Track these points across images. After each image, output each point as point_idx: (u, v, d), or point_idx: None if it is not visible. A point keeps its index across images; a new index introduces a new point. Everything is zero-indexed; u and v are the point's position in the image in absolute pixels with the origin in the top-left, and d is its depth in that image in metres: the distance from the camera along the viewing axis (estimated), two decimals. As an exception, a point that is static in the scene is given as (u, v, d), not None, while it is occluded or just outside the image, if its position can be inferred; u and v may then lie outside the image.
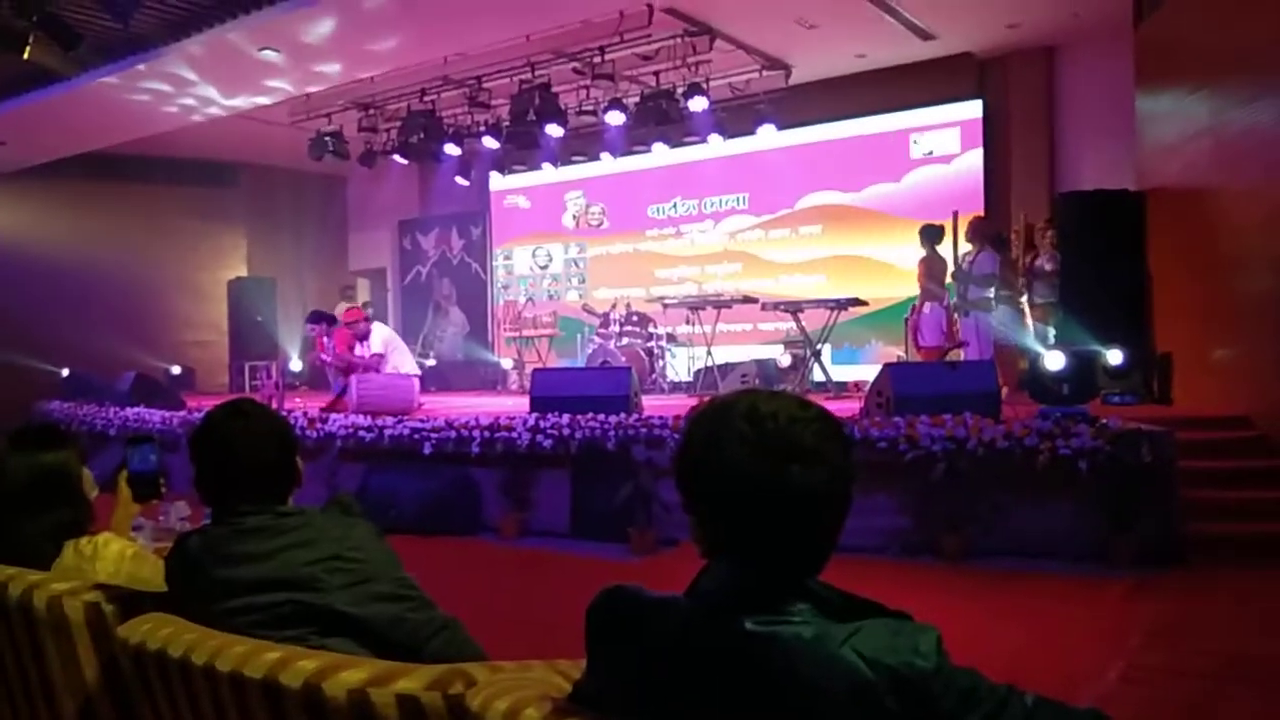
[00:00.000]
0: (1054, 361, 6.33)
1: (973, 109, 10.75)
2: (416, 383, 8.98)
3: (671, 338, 11.54)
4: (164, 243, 14.33)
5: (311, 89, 10.59)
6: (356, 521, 1.87)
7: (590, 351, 11.17)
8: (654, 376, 10.99)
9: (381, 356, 8.96)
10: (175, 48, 8.88)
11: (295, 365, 13.50)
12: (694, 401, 8.72)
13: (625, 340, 11.18)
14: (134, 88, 9.92)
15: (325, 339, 9.31)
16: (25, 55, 7.97)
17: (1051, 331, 8.57)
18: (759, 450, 1.13)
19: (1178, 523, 5.30)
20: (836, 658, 1.08)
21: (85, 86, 9.62)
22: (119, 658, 1.80)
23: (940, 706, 1.07)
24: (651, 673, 1.19)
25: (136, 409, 9.74)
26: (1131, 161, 8.76)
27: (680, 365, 11.65)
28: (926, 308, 9.09)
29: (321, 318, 9.56)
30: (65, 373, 12.06)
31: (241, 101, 10.57)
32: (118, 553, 2.20)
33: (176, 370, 13.70)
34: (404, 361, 9.14)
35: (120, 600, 1.90)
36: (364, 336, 9.04)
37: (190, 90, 10.06)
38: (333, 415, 7.98)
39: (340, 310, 9.56)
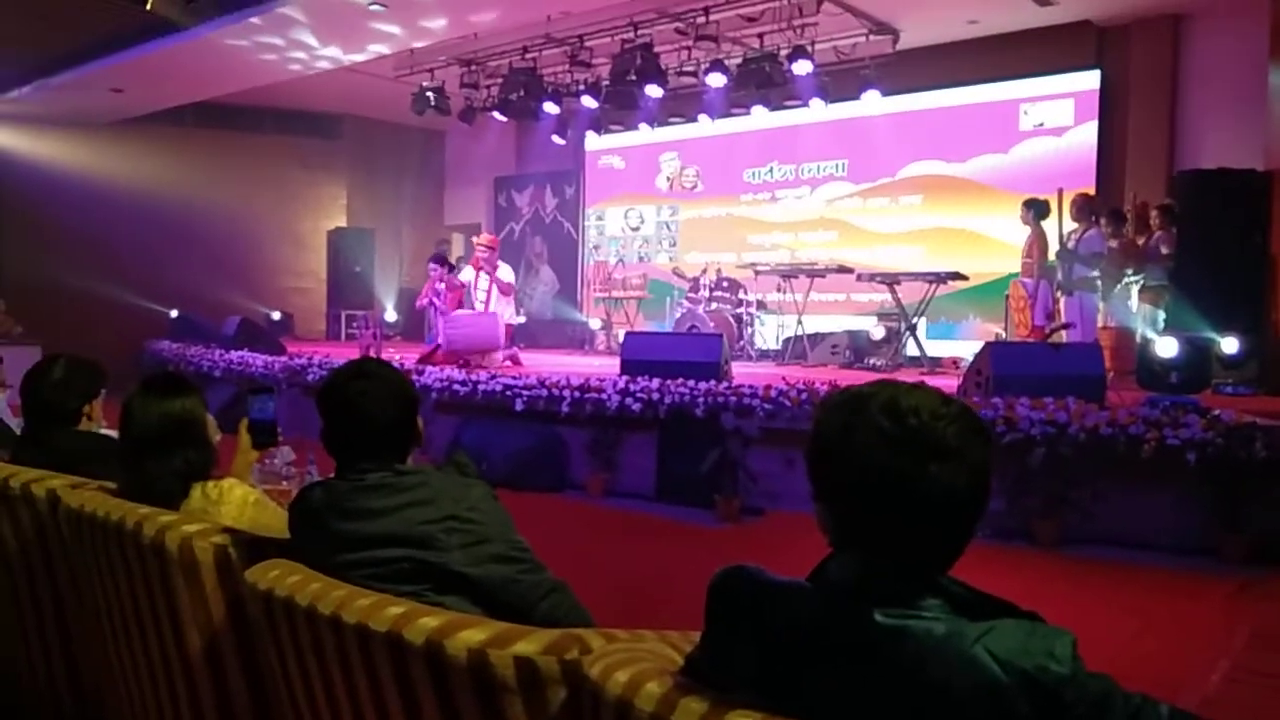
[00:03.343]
0: (1166, 348, 6.09)
1: (1089, 79, 10.31)
2: (502, 322, 9.12)
3: (761, 305, 11.44)
4: (269, 191, 14.73)
5: (417, 44, 10.71)
6: (474, 482, 1.91)
7: (679, 316, 11.14)
8: (741, 343, 10.92)
9: (511, 286, 9.61)
10: (288, 2, 9.06)
11: (390, 316, 13.81)
12: (783, 370, 8.66)
13: (714, 305, 11.11)
14: (248, 40, 10.16)
15: (440, 283, 9.59)
16: (148, 6, 8.24)
17: (1161, 315, 8.23)
18: (899, 447, 1.11)
19: (1292, 522, 5.08)
20: (968, 656, 1.06)
21: (202, 38, 9.87)
22: (246, 600, 1.89)
23: (1073, 713, 1.05)
24: (774, 656, 1.19)
25: (240, 352, 10.06)
26: (1260, 140, 8.31)
27: (769, 333, 11.56)
28: (1031, 285, 8.82)
29: (444, 260, 9.97)
30: (174, 314, 12.54)
31: (349, 55, 10.75)
32: (241, 498, 2.29)
33: (277, 315, 14.16)
34: (504, 309, 9.35)
35: (246, 545, 1.98)
36: (488, 269, 9.43)
37: (301, 43, 10.26)
38: (428, 368, 8.15)
39: (483, 239, 10.01)
